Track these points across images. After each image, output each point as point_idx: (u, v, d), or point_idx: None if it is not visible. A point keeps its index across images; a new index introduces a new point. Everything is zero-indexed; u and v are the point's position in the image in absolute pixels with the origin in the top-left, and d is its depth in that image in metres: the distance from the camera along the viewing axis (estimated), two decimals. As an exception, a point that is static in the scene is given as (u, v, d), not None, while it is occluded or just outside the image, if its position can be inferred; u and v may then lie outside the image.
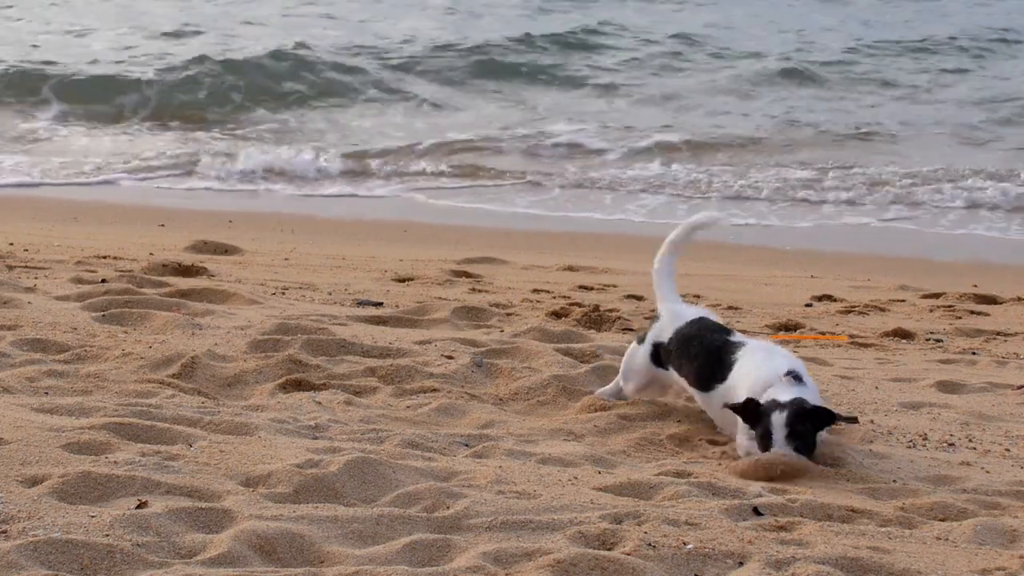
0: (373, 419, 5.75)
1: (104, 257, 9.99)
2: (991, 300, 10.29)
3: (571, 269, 11.22)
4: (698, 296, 9.72)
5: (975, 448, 5.77)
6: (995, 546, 4.44)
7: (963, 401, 6.61)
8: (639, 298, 9.52)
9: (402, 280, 9.97)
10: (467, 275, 10.37)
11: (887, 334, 8.71)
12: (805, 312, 9.58)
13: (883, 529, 4.56)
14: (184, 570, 3.87)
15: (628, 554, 4.12)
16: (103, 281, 8.49)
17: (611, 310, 8.64)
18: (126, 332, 6.89)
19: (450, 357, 6.73)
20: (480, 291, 9.62)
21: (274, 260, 10.75)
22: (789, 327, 8.79)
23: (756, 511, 4.64)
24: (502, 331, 7.76)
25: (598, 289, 10.09)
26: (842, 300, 10.09)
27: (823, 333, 8.68)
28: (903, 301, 10.20)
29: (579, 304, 8.88)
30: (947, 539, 4.49)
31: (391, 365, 6.51)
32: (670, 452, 5.58)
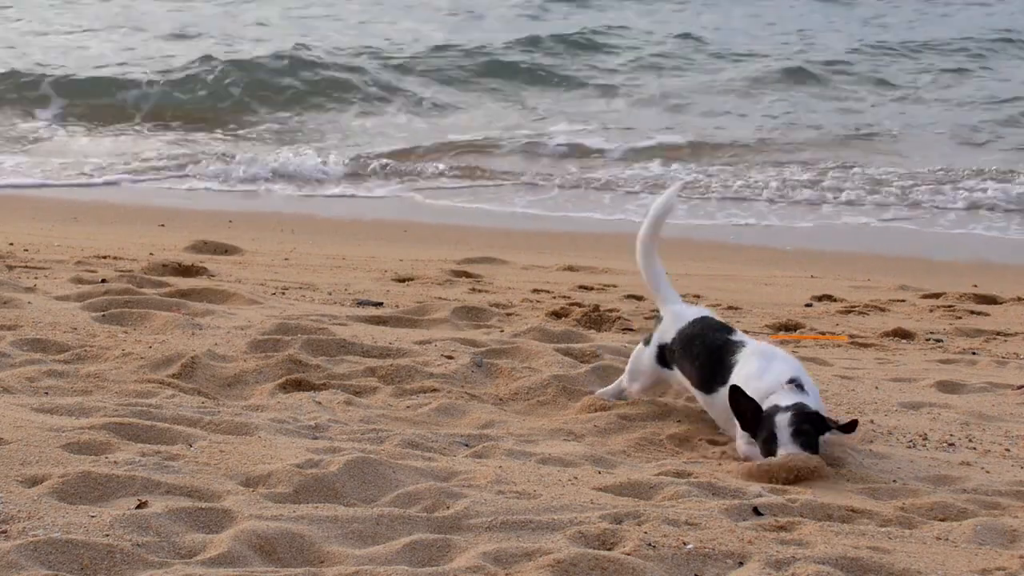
0: (373, 419, 5.75)
1: (104, 257, 9.99)
2: (991, 300, 10.28)
3: (571, 269, 11.22)
4: (698, 296, 9.71)
5: (975, 448, 5.77)
6: (995, 546, 4.44)
7: (963, 401, 6.60)
8: (639, 298, 9.52)
9: (402, 280, 9.97)
10: (467, 275, 10.37)
11: (887, 334, 8.71)
12: (805, 312, 9.58)
13: (883, 529, 4.56)
14: (184, 570, 3.87)
15: (628, 554, 4.11)
16: (103, 281, 8.49)
17: (611, 310, 8.64)
18: (126, 332, 6.89)
19: (450, 357, 6.72)
20: (480, 291, 9.62)
21: (274, 260, 10.75)
22: (789, 327, 8.79)
23: (756, 511, 4.64)
24: (502, 331, 7.76)
25: (598, 289, 10.08)
26: (842, 300, 10.08)
27: (823, 333, 8.67)
28: (903, 301, 10.19)
29: (579, 304, 8.87)
30: (947, 539, 4.49)
31: (391, 365, 6.51)
32: (670, 452, 5.58)
